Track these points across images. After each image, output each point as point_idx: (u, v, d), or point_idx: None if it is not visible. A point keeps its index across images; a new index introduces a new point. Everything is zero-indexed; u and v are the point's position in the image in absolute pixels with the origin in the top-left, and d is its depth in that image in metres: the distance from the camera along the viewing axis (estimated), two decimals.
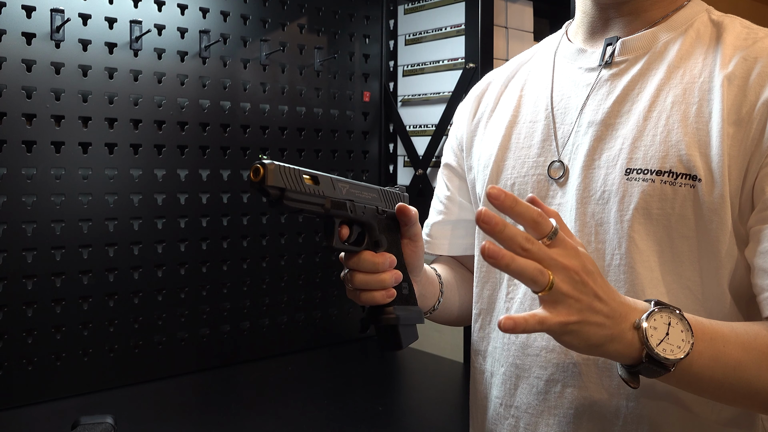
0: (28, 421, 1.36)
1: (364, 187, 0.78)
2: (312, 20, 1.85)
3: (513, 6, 1.79)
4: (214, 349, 1.70)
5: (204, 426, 1.34)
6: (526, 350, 0.82)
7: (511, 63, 0.98)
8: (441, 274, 0.94)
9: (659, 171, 0.73)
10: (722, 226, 0.71)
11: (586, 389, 0.77)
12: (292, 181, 0.68)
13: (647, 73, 0.78)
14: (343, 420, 1.38)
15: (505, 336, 0.85)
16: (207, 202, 1.68)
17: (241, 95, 1.73)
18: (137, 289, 1.58)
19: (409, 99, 1.92)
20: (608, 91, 0.80)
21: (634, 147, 0.75)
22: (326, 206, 0.72)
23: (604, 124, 0.79)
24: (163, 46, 1.59)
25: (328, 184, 0.73)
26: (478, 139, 0.93)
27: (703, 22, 0.80)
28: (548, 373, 0.80)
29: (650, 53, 0.79)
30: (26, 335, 1.43)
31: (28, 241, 1.43)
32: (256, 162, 0.68)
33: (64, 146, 1.46)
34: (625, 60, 0.80)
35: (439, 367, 1.74)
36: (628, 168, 0.75)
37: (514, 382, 0.84)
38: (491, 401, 0.88)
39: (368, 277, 0.75)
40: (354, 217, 0.75)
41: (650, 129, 0.75)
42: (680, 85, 0.75)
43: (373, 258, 0.75)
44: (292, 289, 1.84)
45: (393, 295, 0.76)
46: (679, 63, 0.77)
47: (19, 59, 1.40)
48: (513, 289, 0.85)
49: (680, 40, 0.79)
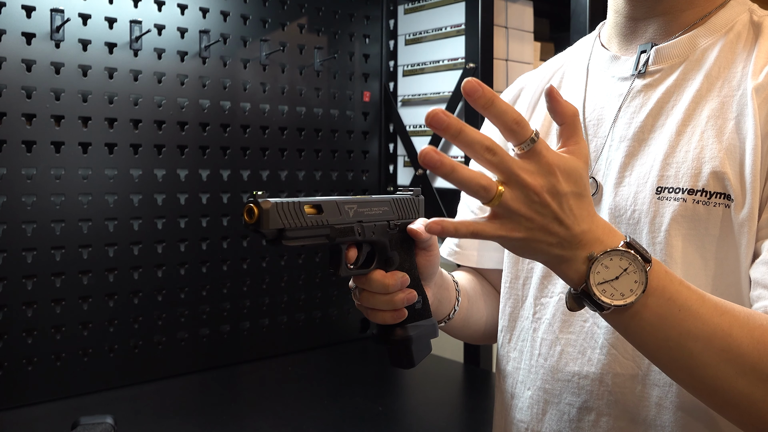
0: (28, 421, 1.36)
1: (374, 202, 0.72)
2: (312, 20, 1.85)
3: (513, 6, 1.79)
4: (214, 349, 1.70)
5: (204, 426, 1.34)
6: (556, 375, 0.78)
7: (544, 69, 0.93)
8: (461, 281, 0.89)
9: (691, 190, 0.68)
10: (750, 245, 0.67)
11: (622, 419, 0.73)
12: (292, 218, 0.63)
13: (683, 84, 0.73)
14: (343, 420, 1.38)
15: (532, 358, 0.81)
16: (207, 202, 1.68)
17: (241, 95, 1.73)
18: (137, 289, 1.58)
19: (409, 99, 1.92)
20: (641, 104, 0.76)
21: (666, 164, 0.71)
22: (331, 235, 0.67)
23: (636, 139, 0.75)
24: (163, 46, 1.59)
25: (332, 210, 0.67)
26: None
27: (744, 24, 0.74)
28: (581, 400, 0.76)
29: (687, 62, 0.74)
30: (26, 335, 1.43)
31: (28, 241, 1.43)
32: (249, 200, 0.62)
33: (64, 146, 1.46)
34: (659, 69, 0.76)
35: (440, 368, 1.74)
36: (659, 186, 0.71)
37: (543, 407, 0.79)
38: (515, 425, 0.84)
39: (377, 298, 0.71)
40: (363, 240, 0.70)
41: (683, 145, 0.71)
42: (717, 98, 0.71)
43: (384, 279, 0.70)
44: (292, 289, 1.84)
45: (403, 316, 0.72)
46: (717, 72, 0.72)
47: (19, 59, 1.40)
48: (540, 309, 0.81)
49: (719, 46, 0.73)
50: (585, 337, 0.76)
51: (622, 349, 0.73)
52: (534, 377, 0.81)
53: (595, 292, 0.59)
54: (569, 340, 0.77)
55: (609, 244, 0.60)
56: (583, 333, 0.76)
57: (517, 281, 0.85)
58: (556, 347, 0.79)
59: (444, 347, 1.81)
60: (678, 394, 0.70)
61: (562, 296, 0.79)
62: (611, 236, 0.60)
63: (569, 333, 0.78)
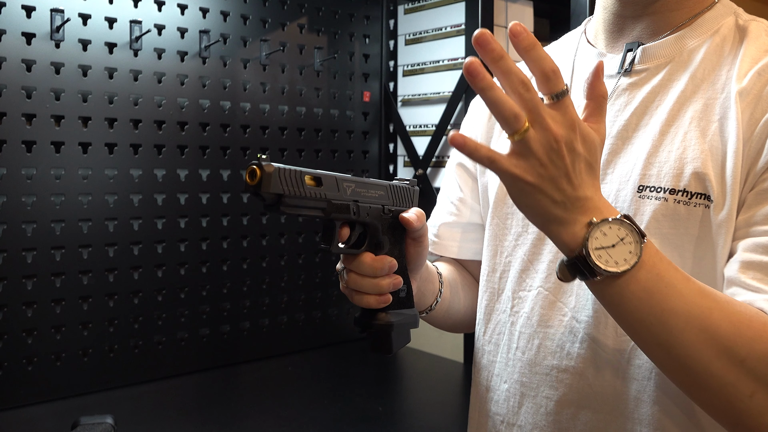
0: (28, 421, 1.36)
1: (371, 185, 0.73)
2: (312, 20, 1.85)
3: (513, 6, 1.79)
4: (214, 349, 1.70)
5: (204, 426, 1.34)
6: (534, 368, 0.79)
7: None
8: (443, 273, 0.90)
9: (673, 189, 0.69)
10: (726, 245, 0.68)
11: (601, 412, 0.74)
12: (292, 185, 0.64)
13: (668, 84, 0.74)
14: (343, 420, 1.38)
15: (510, 351, 0.82)
16: (207, 202, 1.68)
17: (241, 95, 1.73)
18: (137, 289, 1.58)
19: (409, 99, 1.92)
20: (626, 102, 0.76)
21: (649, 163, 0.72)
22: (327, 209, 0.68)
23: (620, 137, 0.75)
24: (163, 46, 1.59)
25: (331, 185, 0.68)
26: (494, 141, 0.89)
27: (730, 27, 0.75)
28: (559, 394, 0.76)
29: (673, 62, 0.75)
30: (26, 335, 1.43)
31: (28, 241, 1.43)
32: (253, 162, 0.62)
33: (64, 146, 1.46)
34: (645, 69, 0.76)
35: (440, 368, 1.74)
36: (641, 185, 0.71)
37: (519, 400, 0.80)
38: (491, 418, 0.85)
39: (364, 280, 0.72)
40: (357, 219, 0.72)
41: (666, 144, 0.71)
42: (702, 100, 0.71)
43: (372, 262, 0.71)
44: (292, 289, 1.84)
45: (388, 301, 0.73)
46: (703, 74, 0.73)
47: (19, 59, 1.40)
48: (518, 303, 0.82)
49: (705, 48, 0.74)
50: (564, 332, 0.77)
51: (602, 344, 0.74)
52: (511, 370, 0.82)
53: (592, 256, 0.59)
54: (548, 333, 0.78)
55: (608, 214, 0.61)
56: (563, 327, 0.77)
57: (494, 274, 0.86)
58: (534, 341, 0.79)
59: (444, 347, 1.81)
60: (656, 388, 0.71)
61: (540, 290, 0.80)
62: (610, 209, 0.62)
63: (548, 327, 0.78)
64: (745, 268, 0.65)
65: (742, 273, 0.66)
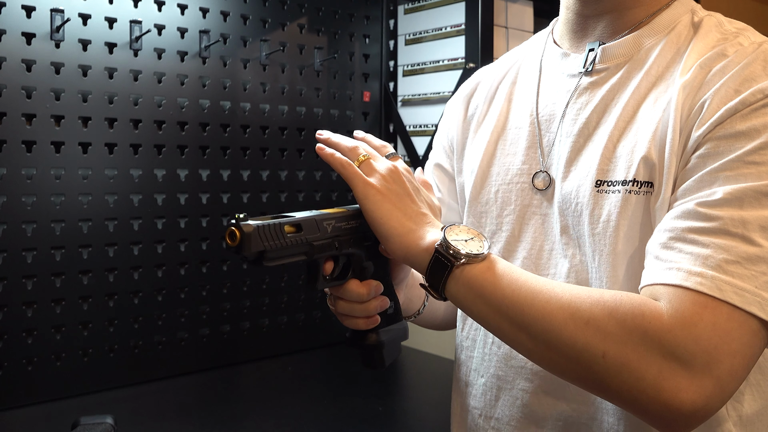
0: (28, 421, 1.36)
1: (350, 215, 0.74)
2: (312, 20, 1.85)
3: (513, 6, 1.79)
4: (214, 349, 1.70)
5: (204, 426, 1.34)
6: (510, 362, 0.81)
7: (500, 63, 0.96)
8: None
9: (625, 181, 0.72)
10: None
11: (574, 401, 0.76)
12: (272, 239, 0.64)
13: (626, 83, 0.76)
14: (343, 420, 1.38)
15: (486, 346, 0.84)
16: (207, 202, 1.68)
17: (241, 95, 1.73)
18: (137, 289, 1.58)
19: (409, 99, 1.92)
20: (587, 101, 0.79)
21: (606, 158, 0.74)
22: (310, 252, 0.69)
23: (581, 134, 0.78)
24: (163, 46, 1.59)
25: (311, 228, 0.69)
26: (469, 142, 0.92)
27: (685, 24, 0.77)
28: (534, 386, 0.79)
29: (631, 61, 0.77)
30: (26, 335, 1.43)
31: (28, 241, 1.43)
32: (231, 223, 0.62)
33: (64, 146, 1.46)
34: (605, 68, 0.79)
35: (440, 367, 1.75)
36: (598, 180, 0.74)
37: (496, 394, 0.82)
38: (469, 411, 0.87)
39: (352, 306, 0.75)
40: (340, 253, 0.72)
41: (622, 140, 0.74)
42: (654, 96, 0.74)
43: (358, 289, 0.74)
44: (292, 289, 1.84)
45: (377, 322, 0.76)
46: (656, 71, 0.75)
47: (19, 59, 1.40)
48: None
49: (660, 46, 0.76)
50: None
51: None
52: (487, 365, 0.84)
53: (452, 244, 0.66)
54: None
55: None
56: None
57: None
58: None
59: (444, 347, 1.81)
60: None
61: None
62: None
63: None
64: (655, 238, 0.67)
65: (652, 241, 0.67)
